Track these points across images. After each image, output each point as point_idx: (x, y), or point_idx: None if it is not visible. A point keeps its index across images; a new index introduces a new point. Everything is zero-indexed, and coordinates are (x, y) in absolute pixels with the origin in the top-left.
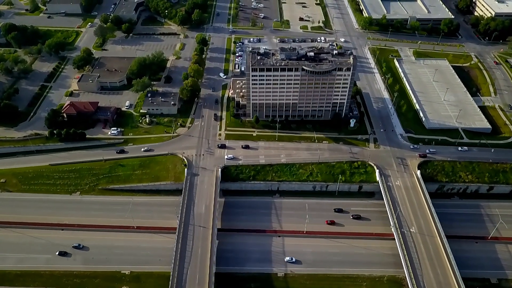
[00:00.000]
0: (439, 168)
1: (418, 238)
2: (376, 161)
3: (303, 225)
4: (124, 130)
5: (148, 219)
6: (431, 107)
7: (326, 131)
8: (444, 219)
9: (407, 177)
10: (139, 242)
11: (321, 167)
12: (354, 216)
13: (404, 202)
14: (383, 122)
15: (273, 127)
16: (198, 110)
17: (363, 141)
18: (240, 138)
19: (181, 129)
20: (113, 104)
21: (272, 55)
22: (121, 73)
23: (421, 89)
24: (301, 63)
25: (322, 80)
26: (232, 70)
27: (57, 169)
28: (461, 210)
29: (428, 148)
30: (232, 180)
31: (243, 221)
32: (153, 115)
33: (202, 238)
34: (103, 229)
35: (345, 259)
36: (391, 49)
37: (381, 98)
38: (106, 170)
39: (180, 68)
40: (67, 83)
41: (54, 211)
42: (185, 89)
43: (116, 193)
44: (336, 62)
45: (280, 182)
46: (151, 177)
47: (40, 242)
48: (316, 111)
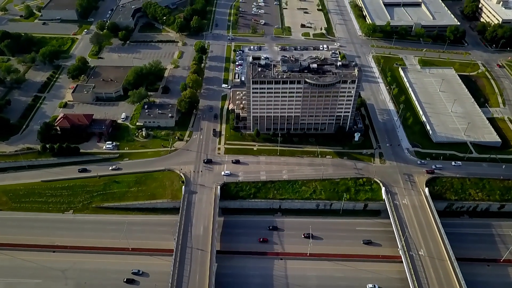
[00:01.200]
0: (447, 185)
1: (427, 262)
2: (382, 178)
3: (306, 247)
4: (119, 144)
5: (144, 240)
6: (438, 119)
7: (329, 145)
8: (453, 239)
9: (414, 195)
10: (134, 266)
11: (325, 184)
12: (365, 242)
13: (412, 222)
14: (388, 136)
15: (275, 141)
16: (196, 123)
17: (368, 156)
18: (240, 153)
19: (179, 142)
20: (108, 116)
21: (274, 66)
22: (117, 83)
23: (428, 100)
24: (304, 75)
25: (326, 93)
26: (232, 80)
27: (50, 185)
28: (471, 229)
29: (435, 163)
30: (232, 198)
31: (243, 242)
32: (150, 128)
33: (200, 263)
34: (96, 251)
35: (351, 284)
36: (396, 57)
37: (386, 109)
38: (100, 187)
39: (178, 77)
40: (61, 94)
41: (46, 231)
42: (183, 101)
43: (110, 211)
44: (340, 75)
45: (282, 200)
46: (147, 194)
47: (30, 265)
48: (319, 124)
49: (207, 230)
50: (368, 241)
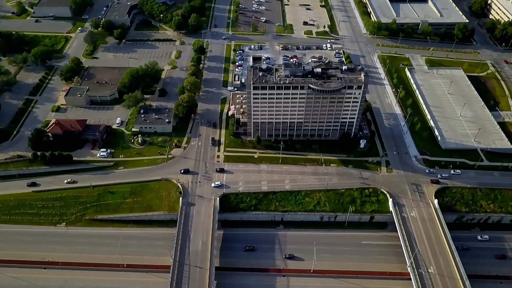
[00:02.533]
0: (458, 196)
1: (437, 280)
2: (389, 188)
3: (310, 263)
4: (114, 152)
5: (140, 255)
6: (447, 124)
7: (334, 153)
8: (464, 254)
9: (423, 207)
10: (130, 284)
11: (329, 195)
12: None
13: (420, 237)
14: (395, 142)
15: (276, 148)
16: (195, 128)
17: (374, 164)
18: (240, 161)
19: (176, 150)
20: (103, 121)
21: (276, 71)
22: (112, 85)
23: (436, 103)
24: (307, 80)
25: (330, 99)
26: (231, 82)
27: (41, 196)
28: (482, 244)
29: (440, 173)
30: (232, 210)
31: (243, 257)
32: (146, 134)
33: (198, 281)
34: (90, 267)
35: None
36: (402, 57)
37: (393, 114)
38: (94, 198)
39: (176, 79)
40: (53, 97)
41: (37, 245)
42: (181, 105)
43: (105, 224)
44: (346, 80)
45: (285, 213)
46: (143, 206)
47: (20, 283)
48: (323, 130)
49: (205, 245)
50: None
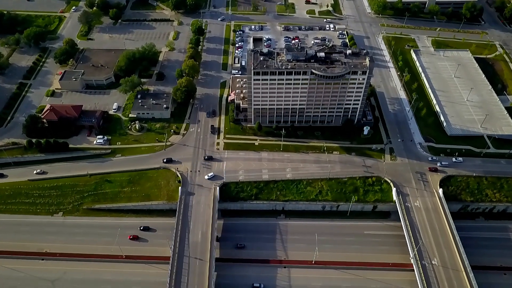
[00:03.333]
0: (463, 185)
1: (441, 272)
2: (392, 177)
3: (311, 253)
4: (111, 139)
5: (139, 246)
6: (453, 109)
7: (336, 140)
8: (468, 245)
9: (427, 196)
10: (129, 275)
11: (332, 184)
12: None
13: (424, 228)
14: (400, 129)
15: (278, 135)
16: (193, 114)
17: (378, 152)
18: (240, 148)
19: (175, 136)
20: (99, 106)
21: (277, 55)
22: (108, 69)
23: (442, 87)
24: (310, 65)
25: (334, 85)
26: (231, 65)
27: (37, 185)
28: (486, 233)
29: (441, 160)
30: (232, 199)
31: (244, 248)
32: (144, 120)
33: (198, 273)
34: (88, 258)
35: None
36: (408, 37)
37: (397, 98)
38: (91, 187)
39: (174, 62)
40: (48, 80)
41: (34, 236)
42: (179, 90)
43: (102, 213)
44: (350, 65)
45: (286, 202)
46: (141, 195)
47: (18, 275)
48: (326, 116)
49: (205, 237)
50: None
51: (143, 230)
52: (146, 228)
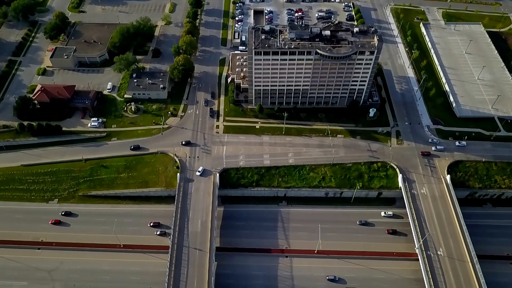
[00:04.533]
0: (471, 171)
1: (446, 263)
2: (398, 162)
3: (314, 242)
4: (106, 121)
5: (137, 234)
6: (463, 89)
7: (341, 122)
8: (474, 233)
9: (434, 183)
10: (127, 265)
11: (335, 170)
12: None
13: (431, 216)
14: (407, 110)
15: (280, 117)
16: (191, 94)
17: (384, 135)
18: (240, 131)
19: (172, 119)
20: (92, 86)
21: (280, 33)
22: (101, 45)
23: (452, 64)
24: (315, 44)
25: (339, 65)
26: (231, 40)
27: (31, 170)
28: (494, 221)
29: (436, 144)
30: (232, 186)
31: (244, 236)
32: (140, 101)
33: (198, 265)
34: (85, 248)
35: (361, 286)
36: (417, 9)
37: (405, 77)
38: (87, 173)
39: (170, 37)
40: (39, 58)
41: (29, 224)
42: (176, 69)
43: (99, 200)
44: (357, 44)
45: (288, 189)
46: (138, 181)
47: (15, 265)
48: (330, 98)
49: (205, 226)
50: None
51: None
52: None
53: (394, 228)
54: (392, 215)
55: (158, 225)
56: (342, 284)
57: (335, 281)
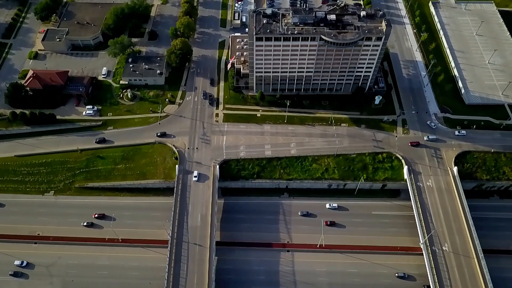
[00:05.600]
0: (479, 162)
1: (451, 258)
2: (404, 152)
3: (316, 236)
4: (102, 109)
5: (135, 228)
6: (473, 73)
7: (345, 110)
8: (481, 226)
9: (441, 175)
10: (126, 260)
11: (339, 161)
12: None
13: (436, 210)
14: (414, 97)
15: (282, 104)
16: (190, 80)
17: (390, 124)
18: (241, 120)
19: (170, 106)
20: (87, 71)
21: (282, 17)
22: (95, 27)
23: (462, 47)
24: (319, 30)
25: (345, 52)
26: (231, 21)
27: (25, 161)
28: (501, 214)
29: (428, 135)
30: (233, 178)
31: (245, 230)
32: (136, 87)
33: (198, 261)
34: (83, 242)
35: (364, 281)
36: None
37: (413, 61)
38: (83, 164)
39: (167, 17)
40: (30, 40)
41: (25, 217)
42: (174, 53)
43: (96, 192)
44: (364, 29)
45: (290, 181)
46: (136, 173)
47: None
48: (335, 84)
49: (205, 220)
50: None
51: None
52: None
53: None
54: (337, 207)
55: (103, 217)
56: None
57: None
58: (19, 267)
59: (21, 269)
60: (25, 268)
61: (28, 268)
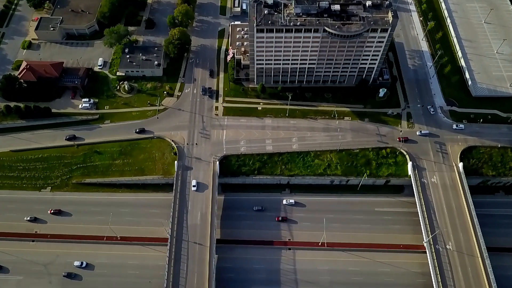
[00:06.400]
0: (485, 158)
1: (455, 257)
2: (408, 147)
3: (318, 233)
4: (98, 102)
5: (134, 225)
6: (480, 64)
7: (348, 103)
8: (485, 223)
9: (446, 171)
10: (125, 258)
11: (342, 156)
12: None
13: (441, 208)
14: (419, 89)
15: (283, 97)
16: (188, 71)
17: (394, 118)
18: (241, 114)
19: (168, 99)
20: (82, 62)
21: (284, 7)
22: (90, 15)
23: (469, 36)
24: (323, 21)
25: (349, 43)
26: (230, 8)
27: (21, 156)
28: (506, 210)
29: (420, 129)
30: (233, 174)
31: (246, 227)
32: (133, 79)
33: (198, 260)
34: (81, 240)
35: (366, 280)
36: None
37: (419, 51)
38: (79, 159)
39: (165, 4)
40: (23, 28)
41: (22, 214)
42: (172, 43)
43: (94, 188)
44: (370, 20)
45: (291, 177)
46: (134, 169)
47: (9, 258)
48: (338, 76)
49: (205, 219)
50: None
51: None
52: None
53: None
54: (294, 203)
55: (59, 213)
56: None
57: None
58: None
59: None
60: (21, 266)
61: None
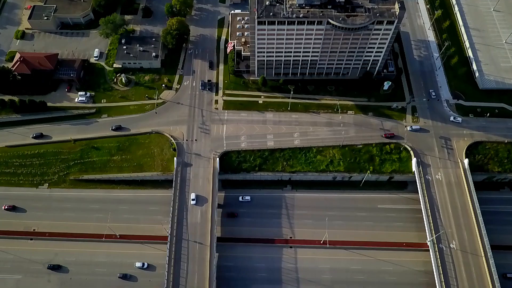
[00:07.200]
0: (491, 154)
1: (459, 256)
2: (413, 143)
3: (319, 231)
4: (95, 95)
5: (133, 223)
6: (488, 55)
7: (352, 96)
8: (490, 220)
9: (451, 167)
10: (124, 257)
11: (344, 152)
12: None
13: (445, 206)
14: (425, 82)
15: (285, 90)
16: (187, 62)
17: (399, 112)
18: (242, 108)
19: (167, 92)
20: (77, 53)
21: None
22: (85, 3)
23: (477, 25)
24: (327, 13)
25: (354, 36)
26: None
27: (17, 152)
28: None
29: (411, 125)
30: (234, 171)
31: (246, 225)
32: (131, 71)
33: (198, 260)
34: (79, 239)
35: (368, 279)
36: None
37: (425, 41)
38: (77, 155)
39: None
40: (16, 17)
41: (19, 212)
42: (170, 34)
43: (92, 185)
44: (375, 12)
45: (293, 173)
46: (132, 165)
47: (7, 257)
48: (341, 69)
49: (205, 217)
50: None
51: None
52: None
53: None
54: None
55: (13, 208)
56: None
57: None
58: None
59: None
60: (20, 265)
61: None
